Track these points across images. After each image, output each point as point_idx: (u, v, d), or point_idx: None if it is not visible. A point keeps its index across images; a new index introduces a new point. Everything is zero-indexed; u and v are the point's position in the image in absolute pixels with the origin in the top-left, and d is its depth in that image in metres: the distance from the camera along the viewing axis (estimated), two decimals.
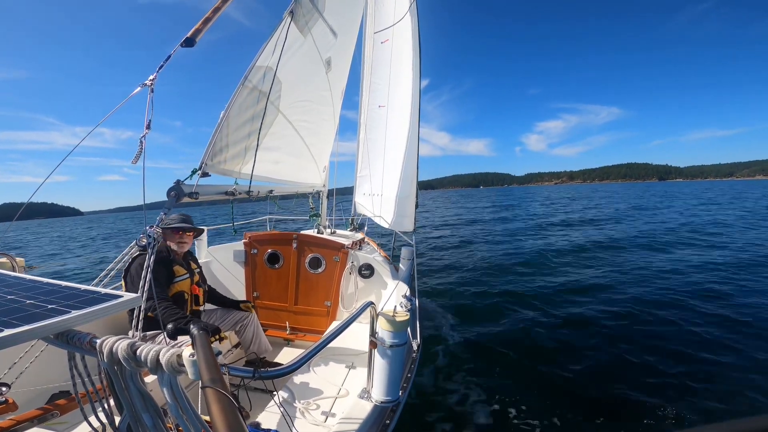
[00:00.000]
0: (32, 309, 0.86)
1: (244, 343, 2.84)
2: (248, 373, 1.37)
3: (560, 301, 5.89)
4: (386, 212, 4.26)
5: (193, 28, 2.03)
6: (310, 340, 3.44)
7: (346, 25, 3.72)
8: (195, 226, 2.57)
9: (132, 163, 1.73)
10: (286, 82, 2.95)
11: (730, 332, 4.45)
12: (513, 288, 6.76)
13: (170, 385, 0.80)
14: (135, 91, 1.83)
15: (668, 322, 4.84)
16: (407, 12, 4.09)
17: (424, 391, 3.42)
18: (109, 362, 0.84)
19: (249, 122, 2.63)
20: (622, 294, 6.09)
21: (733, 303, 5.45)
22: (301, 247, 3.62)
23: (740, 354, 3.95)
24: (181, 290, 2.41)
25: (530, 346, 4.37)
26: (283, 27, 2.64)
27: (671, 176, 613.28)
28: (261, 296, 3.72)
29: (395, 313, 1.92)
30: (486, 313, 5.54)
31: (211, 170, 2.33)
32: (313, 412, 1.99)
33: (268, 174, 3.24)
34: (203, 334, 0.91)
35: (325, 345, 1.67)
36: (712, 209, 21.15)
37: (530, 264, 8.71)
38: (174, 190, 1.97)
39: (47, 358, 1.67)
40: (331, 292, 3.54)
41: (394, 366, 1.92)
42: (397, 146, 4.20)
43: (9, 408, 1.20)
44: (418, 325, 3.13)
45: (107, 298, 0.96)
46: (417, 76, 4.03)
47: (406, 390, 2.31)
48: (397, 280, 3.57)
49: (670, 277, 7.01)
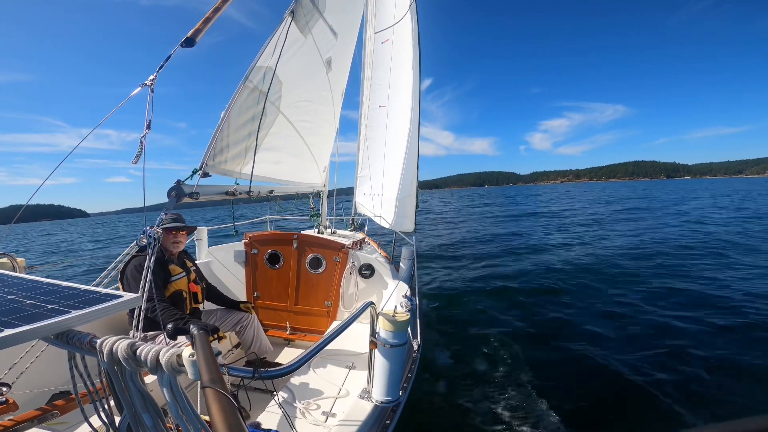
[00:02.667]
0: (32, 309, 0.86)
1: (244, 344, 2.84)
2: (248, 373, 1.38)
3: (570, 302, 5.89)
4: (386, 212, 4.26)
5: (194, 28, 2.03)
6: (311, 340, 3.44)
7: (346, 25, 3.72)
8: (187, 225, 2.59)
9: (132, 164, 1.73)
10: (287, 82, 2.95)
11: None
12: (513, 288, 6.75)
13: (170, 385, 0.80)
14: (135, 92, 1.83)
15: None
16: (407, 12, 4.09)
17: (424, 391, 3.42)
18: (109, 362, 0.84)
19: (249, 122, 2.63)
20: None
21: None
22: (301, 247, 3.62)
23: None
24: (178, 289, 2.41)
25: (531, 345, 4.36)
26: (283, 27, 2.63)
27: (679, 174, 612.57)
28: (261, 296, 3.72)
29: (395, 313, 1.93)
30: (486, 313, 5.53)
31: (212, 170, 2.33)
32: (313, 412, 1.99)
33: (268, 174, 3.24)
34: (203, 334, 0.91)
35: (325, 345, 1.67)
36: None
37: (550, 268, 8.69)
38: (174, 191, 1.97)
39: (47, 358, 1.67)
40: (332, 292, 3.54)
41: (395, 366, 1.92)
42: (397, 146, 4.20)
43: (9, 408, 1.20)
44: (419, 325, 3.13)
45: (107, 298, 0.96)
46: (417, 76, 4.03)
47: (406, 390, 2.31)
48: (397, 280, 3.57)
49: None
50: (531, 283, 7.06)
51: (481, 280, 7.48)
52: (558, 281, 7.03)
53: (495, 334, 4.67)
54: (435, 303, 6.04)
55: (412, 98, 4.01)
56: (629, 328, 4.73)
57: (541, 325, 4.98)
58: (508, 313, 5.44)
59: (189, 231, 2.66)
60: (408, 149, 4.05)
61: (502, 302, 5.96)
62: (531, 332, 4.75)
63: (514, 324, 5.03)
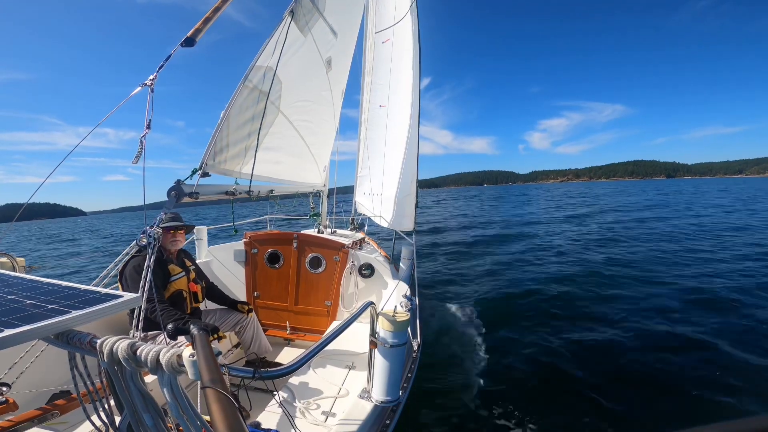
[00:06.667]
0: (32, 309, 0.86)
1: (244, 344, 2.84)
2: (248, 373, 1.38)
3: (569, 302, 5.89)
4: (386, 212, 4.25)
5: (193, 28, 2.03)
6: (311, 340, 3.44)
7: (346, 24, 3.72)
8: (185, 224, 2.58)
9: (133, 163, 1.73)
10: (287, 82, 2.94)
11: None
12: (516, 287, 6.76)
13: (170, 385, 0.80)
14: (135, 91, 1.83)
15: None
16: (408, 12, 4.08)
17: (424, 391, 3.42)
18: (110, 362, 0.84)
19: (249, 122, 2.63)
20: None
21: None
22: (301, 246, 3.62)
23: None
24: (178, 289, 2.41)
25: (532, 345, 4.36)
26: (283, 27, 2.63)
27: (679, 173, 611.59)
28: (261, 296, 3.72)
29: (395, 312, 1.93)
30: (487, 312, 5.53)
31: (212, 170, 2.33)
32: (313, 412, 1.99)
33: (268, 174, 3.24)
34: (203, 334, 0.91)
35: (325, 345, 1.67)
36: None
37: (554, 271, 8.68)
38: (174, 190, 1.97)
39: (47, 358, 1.67)
40: (332, 292, 3.54)
41: (395, 366, 1.92)
42: (397, 146, 4.19)
43: (9, 408, 1.20)
44: (419, 325, 3.13)
45: (107, 298, 0.96)
46: (417, 76, 4.02)
47: (406, 390, 2.30)
48: (397, 279, 3.57)
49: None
50: (531, 283, 7.07)
51: (484, 280, 7.48)
52: (562, 282, 7.04)
53: (495, 334, 4.67)
54: (435, 302, 6.04)
55: (412, 98, 4.01)
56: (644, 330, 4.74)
57: (541, 325, 4.97)
58: (509, 314, 5.44)
59: (187, 230, 2.66)
60: (408, 149, 4.05)
61: (502, 302, 5.96)
62: (532, 332, 4.74)
63: (515, 324, 5.03)
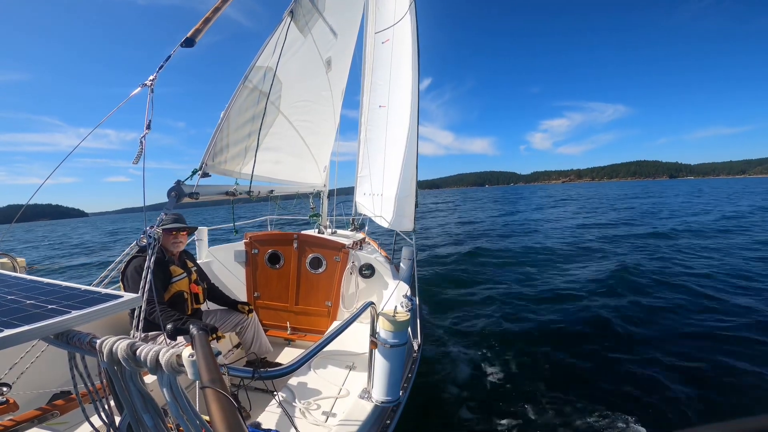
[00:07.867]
0: (32, 309, 0.86)
1: (244, 344, 2.84)
2: (248, 374, 1.38)
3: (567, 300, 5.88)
4: (386, 212, 4.25)
5: (193, 29, 2.03)
6: (311, 340, 3.44)
7: (346, 25, 3.72)
8: (188, 225, 2.58)
9: (133, 164, 1.73)
10: (287, 82, 2.95)
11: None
12: (517, 288, 6.75)
13: (170, 386, 0.80)
14: (135, 92, 1.83)
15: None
16: (407, 11, 4.08)
17: (424, 391, 3.42)
18: (109, 362, 0.84)
19: (249, 122, 2.63)
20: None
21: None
22: (301, 247, 3.62)
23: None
24: (180, 290, 2.41)
25: (532, 345, 4.36)
26: (283, 27, 2.63)
27: (682, 174, 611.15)
28: (262, 296, 3.72)
29: (396, 313, 1.92)
30: (487, 312, 5.53)
31: (212, 170, 2.33)
32: (313, 412, 1.99)
33: (268, 174, 3.23)
34: (203, 334, 0.91)
35: (325, 345, 1.67)
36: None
37: (535, 262, 8.69)
38: (174, 191, 1.96)
39: (48, 359, 1.67)
40: (332, 292, 3.54)
41: (395, 366, 1.92)
42: (397, 146, 4.19)
43: (9, 408, 1.20)
44: (419, 325, 3.13)
45: (107, 298, 0.96)
46: (417, 77, 4.02)
47: (406, 390, 2.30)
48: (397, 280, 3.57)
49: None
50: (532, 284, 7.06)
51: (486, 279, 7.48)
52: (569, 283, 7.03)
53: (496, 335, 4.67)
54: (435, 302, 6.04)
55: (412, 98, 4.01)
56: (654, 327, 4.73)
57: (541, 325, 4.97)
58: (509, 314, 5.44)
59: (190, 231, 2.66)
60: (407, 149, 4.05)
61: (503, 302, 5.95)
62: (531, 332, 4.74)
63: (515, 324, 5.03)
